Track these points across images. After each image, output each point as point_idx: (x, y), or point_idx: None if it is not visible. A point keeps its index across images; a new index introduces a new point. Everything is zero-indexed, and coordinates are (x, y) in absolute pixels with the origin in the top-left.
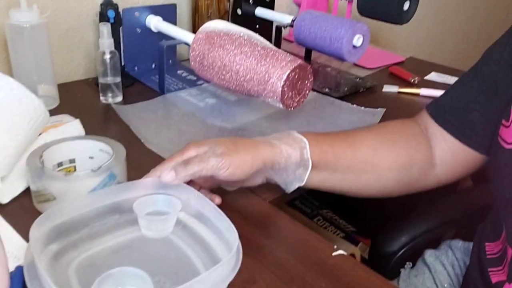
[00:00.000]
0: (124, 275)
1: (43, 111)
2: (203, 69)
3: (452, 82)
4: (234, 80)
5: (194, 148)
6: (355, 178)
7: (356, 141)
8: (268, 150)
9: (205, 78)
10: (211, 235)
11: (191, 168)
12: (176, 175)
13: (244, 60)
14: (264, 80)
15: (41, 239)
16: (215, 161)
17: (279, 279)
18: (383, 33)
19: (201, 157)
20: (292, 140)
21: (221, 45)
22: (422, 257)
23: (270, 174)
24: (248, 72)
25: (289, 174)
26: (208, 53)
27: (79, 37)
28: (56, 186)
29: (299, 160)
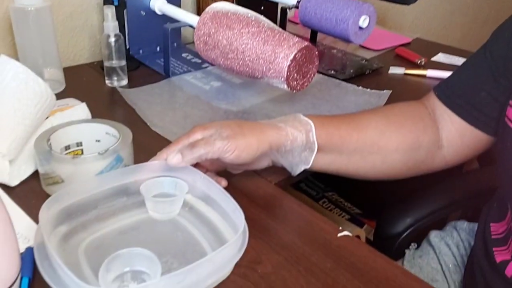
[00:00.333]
0: (133, 256)
1: (50, 94)
2: (208, 48)
3: (459, 63)
4: (238, 60)
5: (200, 131)
6: (361, 160)
7: (362, 123)
8: (274, 133)
9: (209, 59)
10: (217, 216)
11: (197, 151)
12: (182, 158)
13: (251, 39)
14: (270, 60)
15: (50, 220)
16: (221, 143)
17: (285, 260)
18: (390, 14)
19: (207, 140)
20: (298, 122)
21: (228, 25)
22: (427, 238)
23: (276, 157)
24: (254, 51)
25: (295, 157)
26: (214, 32)
27: (83, 20)
28: (64, 169)
29: (305, 143)
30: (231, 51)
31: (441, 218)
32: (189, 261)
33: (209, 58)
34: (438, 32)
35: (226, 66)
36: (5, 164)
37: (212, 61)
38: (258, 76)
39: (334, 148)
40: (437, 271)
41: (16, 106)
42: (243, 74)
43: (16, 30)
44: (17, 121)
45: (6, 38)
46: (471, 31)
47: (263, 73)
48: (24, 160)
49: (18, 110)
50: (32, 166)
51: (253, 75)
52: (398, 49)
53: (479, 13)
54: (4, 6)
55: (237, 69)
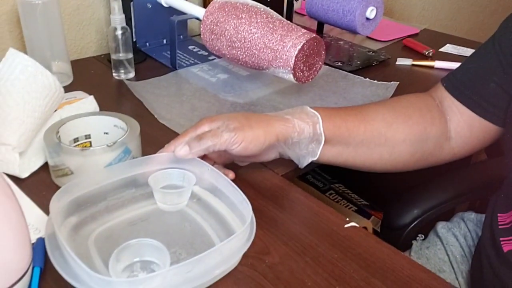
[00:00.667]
0: (142, 246)
1: (58, 87)
2: (214, 38)
3: (467, 54)
4: (245, 49)
5: (208, 123)
6: (368, 152)
7: (369, 115)
8: (281, 125)
9: (214, 48)
10: (225, 208)
11: (205, 143)
12: (190, 149)
13: (259, 28)
14: (278, 48)
15: (60, 211)
16: (228, 135)
17: (292, 251)
18: (398, 4)
19: (214, 132)
20: (305, 114)
21: (236, 14)
22: (434, 229)
23: (283, 148)
24: (261, 40)
25: (302, 149)
26: (222, 21)
27: (90, 14)
28: (73, 161)
29: (312, 135)
30: (238, 40)
31: (448, 210)
32: (197, 252)
33: (215, 48)
34: (446, 23)
35: (231, 56)
36: (15, 156)
37: (217, 51)
38: (263, 66)
39: (341, 140)
40: (444, 262)
41: (26, 99)
42: (249, 64)
43: (24, 24)
44: (27, 113)
45: (14, 32)
46: (479, 22)
47: (269, 62)
48: (34, 152)
49: (27, 103)
50: (42, 158)
51: (258, 65)
52: (405, 40)
53: (487, 3)
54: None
55: (242, 59)
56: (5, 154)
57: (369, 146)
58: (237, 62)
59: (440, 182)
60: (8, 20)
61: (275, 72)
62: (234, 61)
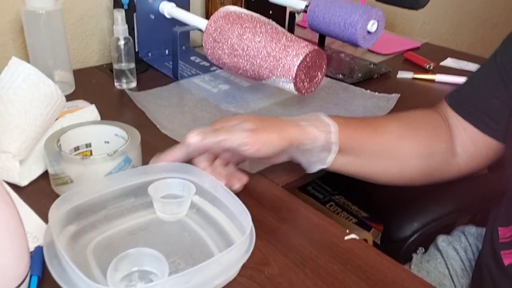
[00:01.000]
0: (141, 256)
1: (60, 96)
2: (216, 45)
3: (468, 68)
4: (247, 57)
5: (224, 122)
6: (376, 164)
7: (380, 128)
8: (295, 131)
9: (215, 57)
10: (224, 218)
11: (218, 135)
12: (203, 137)
13: (263, 37)
14: (280, 57)
15: (59, 220)
16: (240, 135)
17: (292, 262)
18: (399, 18)
19: (229, 128)
20: (320, 122)
21: (241, 24)
22: (434, 242)
23: (295, 153)
24: (264, 48)
25: (313, 156)
26: (225, 29)
27: (93, 24)
28: (73, 169)
29: (324, 143)
30: (240, 47)
31: (449, 223)
32: (196, 262)
33: (215, 56)
34: (447, 37)
35: (232, 64)
36: (16, 164)
37: (218, 60)
38: (264, 75)
39: (352, 151)
40: (444, 276)
41: (27, 108)
42: (249, 72)
43: (27, 33)
44: (28, 122)
45: (17, 40)
46: (480, 36)
47: (271, 71)
48: (34, 160)
49: (29, 112)
50: (42, 166)
51: (259, 74)
52: (406, 53)
53: (488, 18)
54: (16, 9)
55: (243, 67)
56: (5, 162)
57: (377, 158)
58: (237, 71)
59: (441, 195)
60: (11, 29)
61: (275, 82)
62: (234, 70)
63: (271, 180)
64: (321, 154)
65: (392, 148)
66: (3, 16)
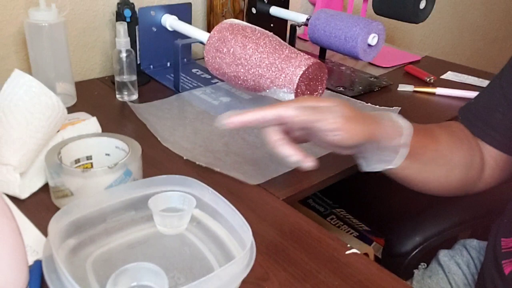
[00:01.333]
0: (140, 270)
1: (62, 108)
2: (218, 55)
3: (468, 82)
4: (248, 66)
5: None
6: (430, 170)
7: (434, 135)
8: (379, 128)
9: (215, 67)
10: (225, 232)
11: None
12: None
13: (265, 48)
14: (283, 67)
15: (59, 233)
16: (335, 120)
17: (292, 277)
18: (399, 31)
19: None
20: (393, 123)
21: (244, 34)
22: (436, 257)
23: (368, 149)
24: (266, 59)
25: (384, 155)
26: (229, 38)
27: (96, 36)
28: (73, 182)
29: (395, 145)
30: (242, 57)
31: (450, 237)
32: (196, 277)
33: (215, 66)
34: (447, 50)
35: (232, 74)
36: (16, 176)
37: (217, 70)
38: (265, 85)
39: (414, 155)
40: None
41: (29, 120)
42: (249, 83)
43: (30, 45)
44: (29, 134)
45: (20, 52)
46: (480, 49)
47: (272, 81)
48: (35, 172)
49: (30, 124)
50: (43, 178)
51: (259, 83)
52: (407, 66)
53: (488, 31)
54: (19, 21)
55: (243, 78)
56: (6, 174)
57: (433, 165)
58: (237, 81)
59: (442, 209)
60: (14, 41)
61: (275, 93)
62: (235, 80)
63: (272, 193)
64: (391, 154)
65: (445, 156)
66: (6, 28)
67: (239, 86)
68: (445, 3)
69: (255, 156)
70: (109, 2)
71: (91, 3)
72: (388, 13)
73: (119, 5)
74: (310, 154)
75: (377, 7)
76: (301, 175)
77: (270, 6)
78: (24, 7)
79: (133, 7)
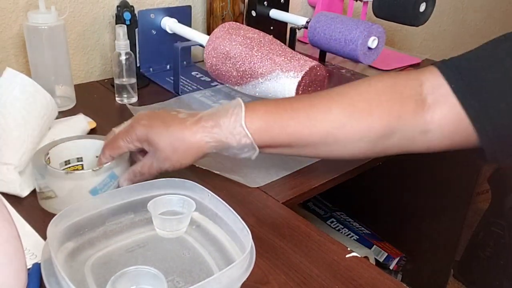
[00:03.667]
0: (139, 274)
1: (54, 106)
2: (217, 58)
3: None
4: (248, 64)
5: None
6: (314, 151)
7: (317, 116)
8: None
9: (215, 70)
10: (224, 235)
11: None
12: None
13: (264, 50)
14: (285, 68)
15: (58, 237)
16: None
17: (292, 281)
18: (399, 34)
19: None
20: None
21: (244, 38)
22: None
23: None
24: (270, 59)
25: (234, 154)
26: (228, 40)
27: (95, 39)
28: (57, 183)
29: (242, 147)
30: (242, 59)
31: None
32: (195, 280)
33: (214, 63)
34: (447, 52)
35: (231, 71)
36: (17, 175)
37: (216, 70)
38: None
39: (281, 145)
40: None
41: (26, 119)
42: (247, 78)
43: (29, 48)
44: (27, 133)
45: (19, 55)
46: None
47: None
48: (31, 171)
49: (27, 123)
50: None
51: (258, 73)
52: (407, 69)
53: (488, 34)
54: (18, 24)
55: (241, 73)
56: (6, 173)
57: (315, 147)
58: (233, 79)
59: None
60: (13, 44)
61: (277, 77)
62: (231, 77)
63: (272, 197)
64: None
65: (333, 135)
66: (5, 31)
67: (239, 79)
68: (445, 6)
69: (255, 159)
70: (109, 5)
71: (91, 6)
72: (388, 16)
73: (119, 8)
74: None
75: (377, 10)
76: (301, 178)
77: (270, 9)
78: (23, 10)
79: (132, 10)
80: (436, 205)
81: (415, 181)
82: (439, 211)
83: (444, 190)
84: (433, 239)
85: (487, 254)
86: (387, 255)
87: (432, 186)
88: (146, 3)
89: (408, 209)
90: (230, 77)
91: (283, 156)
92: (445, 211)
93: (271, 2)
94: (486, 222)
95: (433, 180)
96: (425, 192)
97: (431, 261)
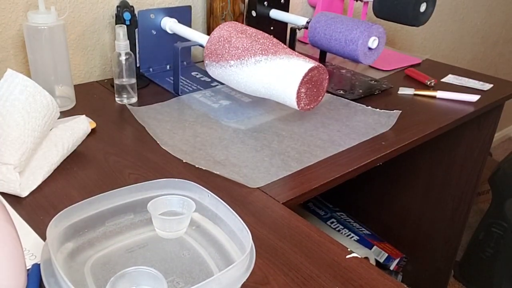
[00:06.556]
0: (139, 274)
1: (55, 107)
2: (217, 58)
3: (469, 85)
4: (250, 53)
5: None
6: None
7: None
8: None
9: (215, 70)
10: (224, 236)
11: None
12: None
13: (264, 50)
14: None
15: (57, 237)
16: None
17: (292, 281)
18: (399, 34)
19: None
20: None
21: (244, 37)
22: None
23: None
24: (269, 57)
25: None
26: (228, 40)
27: (95, 39)
28: None
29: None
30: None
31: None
32: (195, 281)
33: (215, 61)
34: (447, 53)
35: (230, 49)
36: (16, 175)
37: (215, 52)
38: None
39: None
40: None
41: (26, 119)
42: (247, 51)
43: (29, 48)
44: (27, 133)
45: (19, 55)
46: (481, 53)
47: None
48: (32, 171)
49: (27, 123)
50: (40, 177)
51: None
52: (407, 70)
53: (489, 35)
54: (18, 24)
55: (240, 50)
56: (6, 174)
57: None
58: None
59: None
60: (13, 44)
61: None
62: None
63: (272, 197)
64: None
65: None
66: (5, 31)
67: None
68: (446, 6)
69: (255, 159)
70: (109, 5)
71: (91, 6)
72: (389, 16)
73: (119, 8)
74: (310, 154)
75: (378, 10)
76: (301, 178)
77: (270, 9)
78: (23, 10)
79: (132, 10)
80: (436, 206)
81: (415, 181)
82: (439, 211)
83: (444, 191)
84: (434, 239)
85: (487, 255)
86: (388, 255)
87: (432, 186)
88: (146, 3)
89: (408, 209)
90: (230, 54)
91: (283, 156)
92: (445, 211)
93: (271, 2)
94: (486, 223)
95: (433, 180)
96: (425, 193)
97: (432, 261)
